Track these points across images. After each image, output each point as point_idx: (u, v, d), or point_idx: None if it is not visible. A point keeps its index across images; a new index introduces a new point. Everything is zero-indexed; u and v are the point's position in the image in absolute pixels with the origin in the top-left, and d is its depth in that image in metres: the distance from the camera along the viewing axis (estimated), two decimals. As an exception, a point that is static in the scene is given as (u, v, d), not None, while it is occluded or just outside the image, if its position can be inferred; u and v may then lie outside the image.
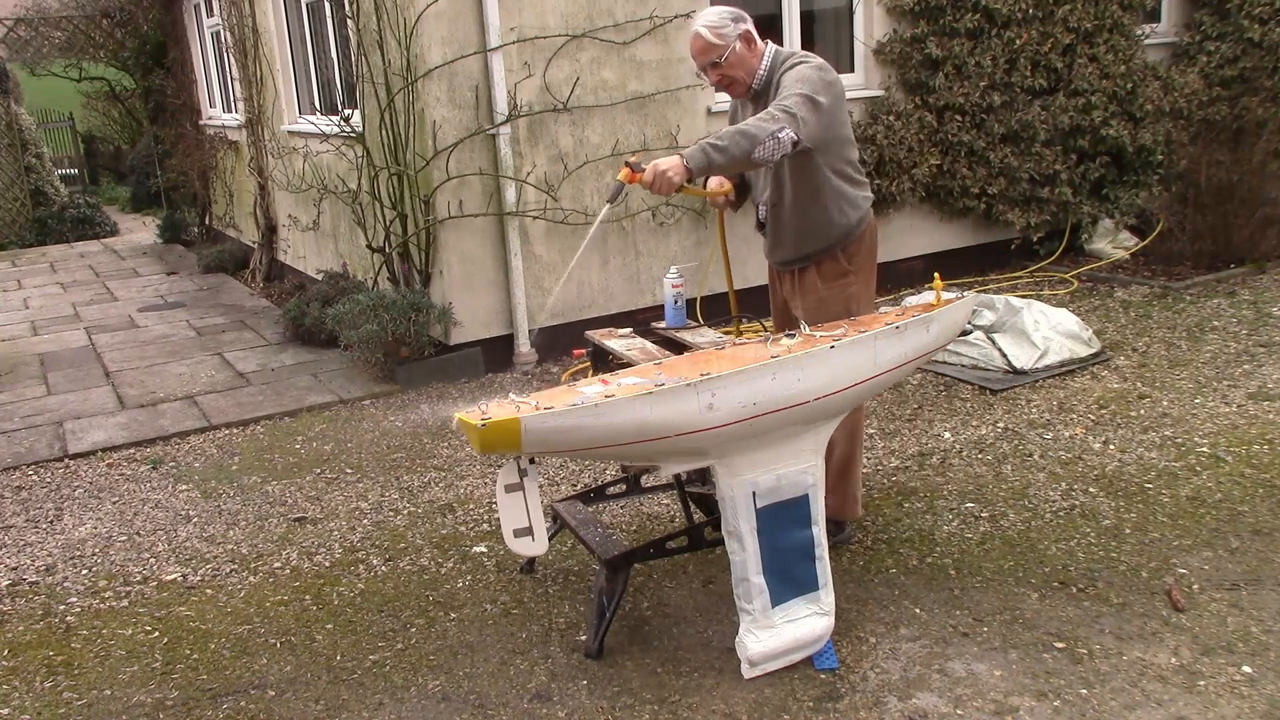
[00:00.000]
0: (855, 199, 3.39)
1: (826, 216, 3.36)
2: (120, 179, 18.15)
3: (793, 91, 3.08)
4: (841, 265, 3.42)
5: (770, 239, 3.54)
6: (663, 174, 2.87)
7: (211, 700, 3.02)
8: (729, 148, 2.91)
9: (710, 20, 3.29)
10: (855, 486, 3.62)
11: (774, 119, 2.98)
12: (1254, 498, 3.83)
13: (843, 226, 3.38)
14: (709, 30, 3.28)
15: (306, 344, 6.85)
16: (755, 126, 2.95)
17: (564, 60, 5.87)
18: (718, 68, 3.31)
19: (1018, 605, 3.23)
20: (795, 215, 3.39)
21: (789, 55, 3.34)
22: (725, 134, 2.95)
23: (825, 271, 3.43)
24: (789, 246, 3.48)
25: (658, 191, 2.91)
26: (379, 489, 4.51)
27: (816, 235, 3.39)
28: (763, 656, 2.91)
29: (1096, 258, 7.50)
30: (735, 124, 3.35)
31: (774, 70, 3.33)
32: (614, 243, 6.20)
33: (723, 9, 3.36)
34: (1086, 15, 7.08)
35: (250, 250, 9.84)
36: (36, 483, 4.83)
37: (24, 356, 7.13)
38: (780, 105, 3.03)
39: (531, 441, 2.48)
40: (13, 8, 14.31)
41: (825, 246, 3.40)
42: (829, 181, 3.32)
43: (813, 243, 3.41)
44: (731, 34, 3.29)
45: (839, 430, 3.27)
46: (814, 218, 3.37)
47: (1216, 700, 2.71)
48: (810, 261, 3.44)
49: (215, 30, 9.97)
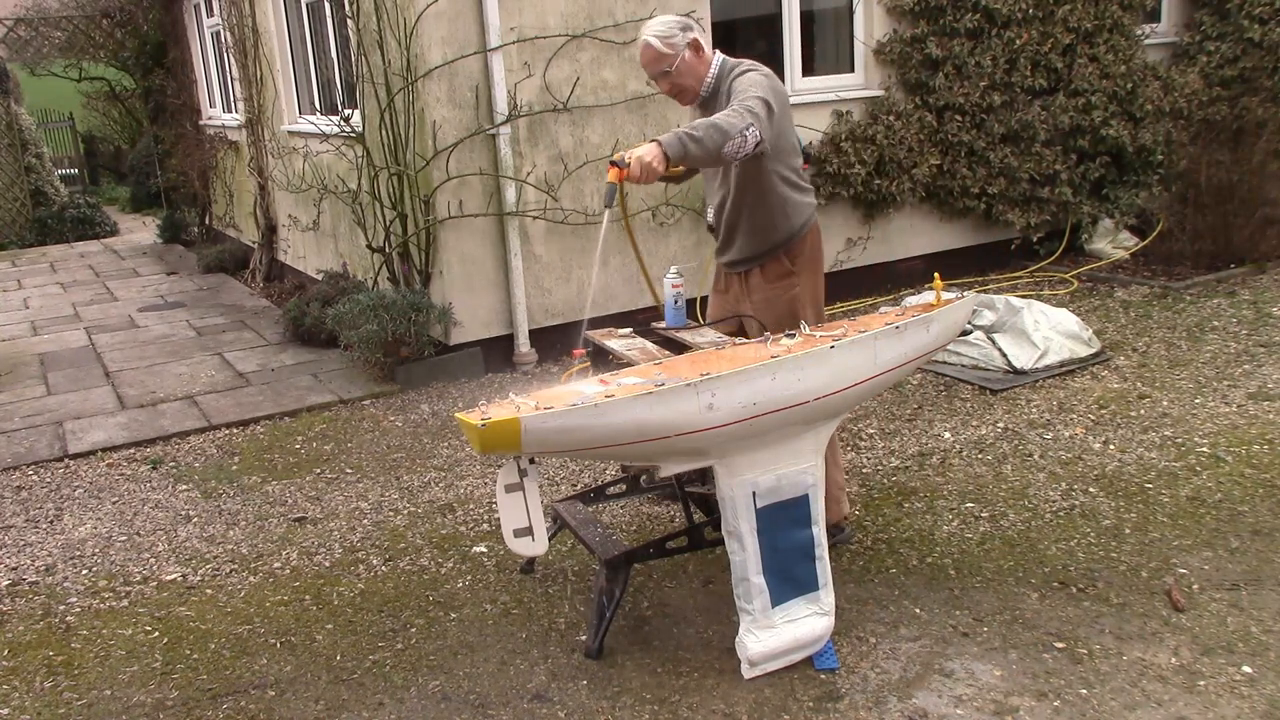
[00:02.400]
0: (799, 204, 3.51)
1: (771, 220, 3.48)
2: (120, 179, 18.15)
3: (750, 95, 3.17)
4: (785, 266, 3.54)
5: (721, 240, 3.64)
6: (647, 164, 2.91)
7: (211, 700, 3.02)
8: (703, 139, 2.98)
9: (659, 30, 3.35)
10: (835, 488, 3.64)
11: (742, 116, 3.06)
12: (1254, 498, 3.83)
13: (786, 230, 3.50)
14: (659, 40, 3.34)
15: (306, 344, 6.85)
16: (726, 122, 3.02)
17: (564, 60, 5.87)
18: (668, 76, 3.38)
19: (1018, 605, 3.23)
20: (743, 218, 3.50)
21: (736, 64, 3.43)
22: (700, 125, 3.00)
23: (770, 272, 3.55)
24: (737, 248, 3.58)
25: (644, 181, 2.96)
26: (379, 489, 4.51)
27: (763, 237, 3.51)
28: (763, 656, 2.91)
29: (1096, 258, 7.50)
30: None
31: (721, 78, 3.41)
32: (614, 243, 6.20)
33: (670, 18, 3.44)
34: (1086, 15, 7.09)
35: (250, 250, 9.84)
36: (36, 483, 4.83)
37: (24, 356, 7.13)
38: (743, 105, 3.11)
39: (531, 441, 2.48)
40: (13, 8, 14.31)
41: (770, 248, 3.52)
42: (775, 187, 3.43)
43: (759, 245, 3.52)
44: (681, 43, 3.35)
45: None
46: (760, 221, 3.48)
47: (1216, 700, 2.71)
48: (757, 263, 3.56)
49: (215, 30, 9.97)
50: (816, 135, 6.70)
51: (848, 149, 6.66)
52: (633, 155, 2.91)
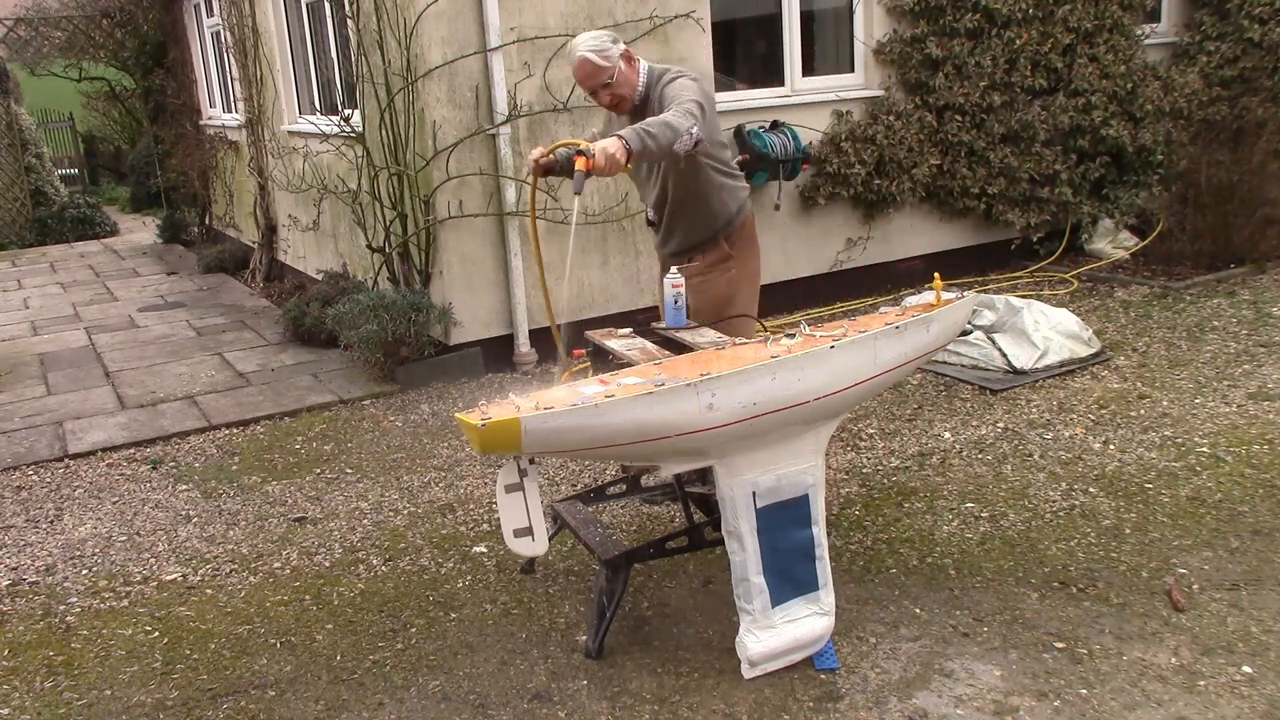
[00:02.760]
0: (734, 190, 3.78)
1: (710, 208, 3.73)
2: (120, 179, 18.15)
3: (685, 98, 3.36)
4: (724, 250, 3.79)
5: (662, 234, 3.88)
6: (611, 156, 3.03)
7: (211, 700, 3.02)
8: (658, 136, 3.16)
9: (593, 44, 3.49)
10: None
11: (687, 116, 3.27)
12: (1254, 498, 3.83)
13: (725, 217, 3.76)
14: (596, 54, 3.48)
15: (306, 344, 6.85)
16: (675, 120, 3.23)
17: (564, 60, 5.84)
18: (609, 88, 3.54)
19: (1018, 605, 3.23)
20: (685, 209, 3.74)
21: (664, 70, 3.61)
22: (653, 124, 3.19)
23: (709, 257, 3.79)
24: (680, 238, 3.82)
25: (608, 172, 3.08)
26: (379, 489, 4.51)
27: (704, 225, 3.76)
28: (763, 656, 2.91)
29: (1096, 258, 7.50)
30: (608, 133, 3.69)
31: (651, 86, 3.59)
32: (614, 243, 6.20)
33: (599, 32, 3.59)
34: (1086, 15, 7.09)
35: (250, 250, 9.84)
36: (36, 483, 4.83)
37: (24, 356, 7.13)
38: (683, 107, 3.31)
39: (531, 442, 2.48)
40: (13, 8, 14.31)
41: (711, 235, 3.77)
42: (712, 178, 3.68)
43: (701, 232, 3.77)
44: (615, 54, 3.51)
45: None
46: (700, 210, 3.73)
47: (1216, 700, 2.71)
48: (698, 250, 3.80)
49: (215, 30, 9.97)
50: (816, 135, 6.70)
51: (848, 149, 6.66)
52: (597, 147, 3.04)
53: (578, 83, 3.61)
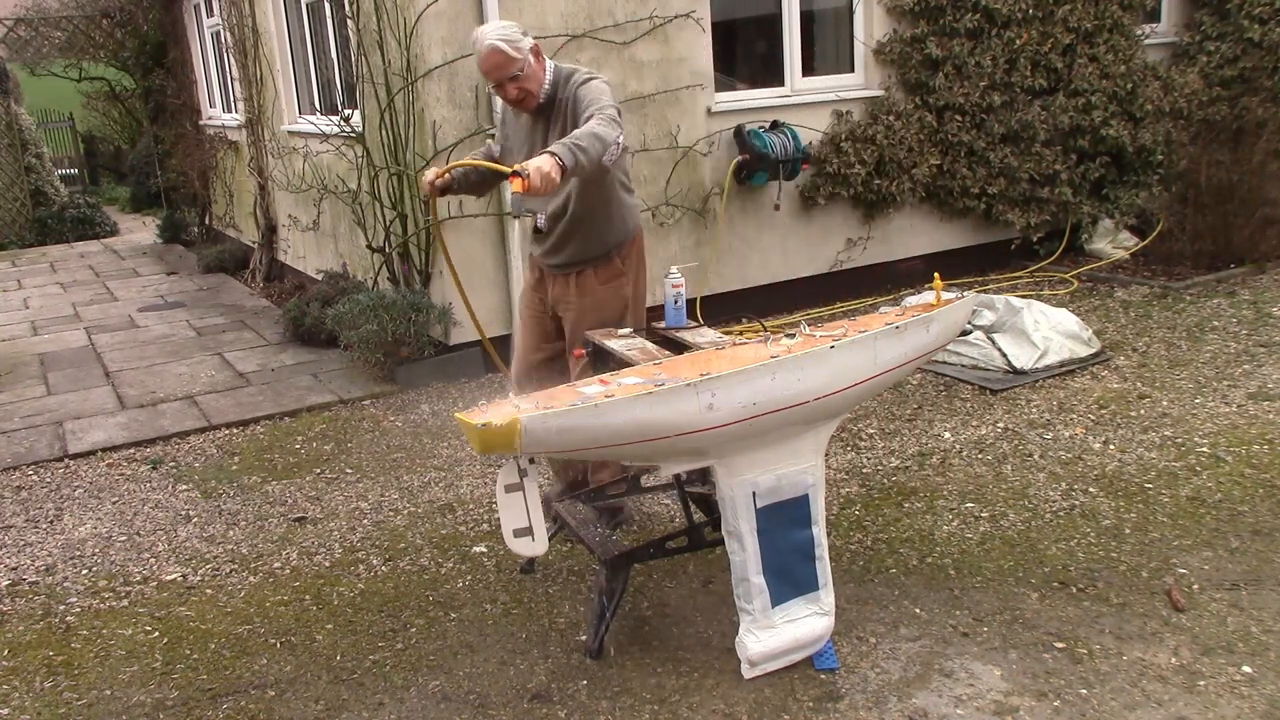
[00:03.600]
0: (632, 206, 3.66)
1: (610, 223, 3.57)
2: (120, 179, 18.15)
3: (605, 103, 3.25)
4: (617, 267, 3.63)
5: (552, 244, 3.62)
6: (546, 174, 2.91)
7: (211, 700, 3.02)
8: (589, 149, 3.04)
9: (503, 34, 3.31)
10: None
11: (612, 125, 3.15)
12: (1254, 498, 3.83)
13: (621, 232, 3.61)
14: (506, 44, 3.29)
15: (306, 344, 6.85)
16: (603, 131, 3.11)
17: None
18: (517, 80, 3.35)
19: (1018, 605, 3.23)
20: (584, 222, 3.53)
21: (572, 70, 3.47)
22: (583, 136, 3.07)
23: (603, 274, 3.62)
24: (572, 250, 3.59)
25: (544, 191, 2.95)
26: (379, 489, 4.51)
27: (599, 240, 3.58)
28: (763, 656, 2.91)
29: (1096, 258, 7.50)
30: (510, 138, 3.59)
31: (558, 86, 3.43)
32: (614, 243, 6.19)
33: (506, 22, 3.43)
34: (1086, 15, 7.09)
35: (250, 250, 9.84)
36: (36, 483, 4.83)
37: (24, 356, 7.13)
38: (606, 114, 3.19)
39: (531, 442, 2.48)
40: (13, 8, 14.31)
41: (606, 250, 3.59)
42: (616, 192, 3.55)
43: (596, 247, 3.58)
44: (525, 47, 3.34)
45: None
46: (600, 224, 3.56)
47: (1216, 700, 2.71)
48: (590, 264, 3.61)
49: (215, 30, 9.97)
50: (816, 135, 6.70)
51: (848, 149, 6.66)
52: (532, 166, 2.91)
53: (483, 74, 3.41)
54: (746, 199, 6.56)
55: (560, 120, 3.42)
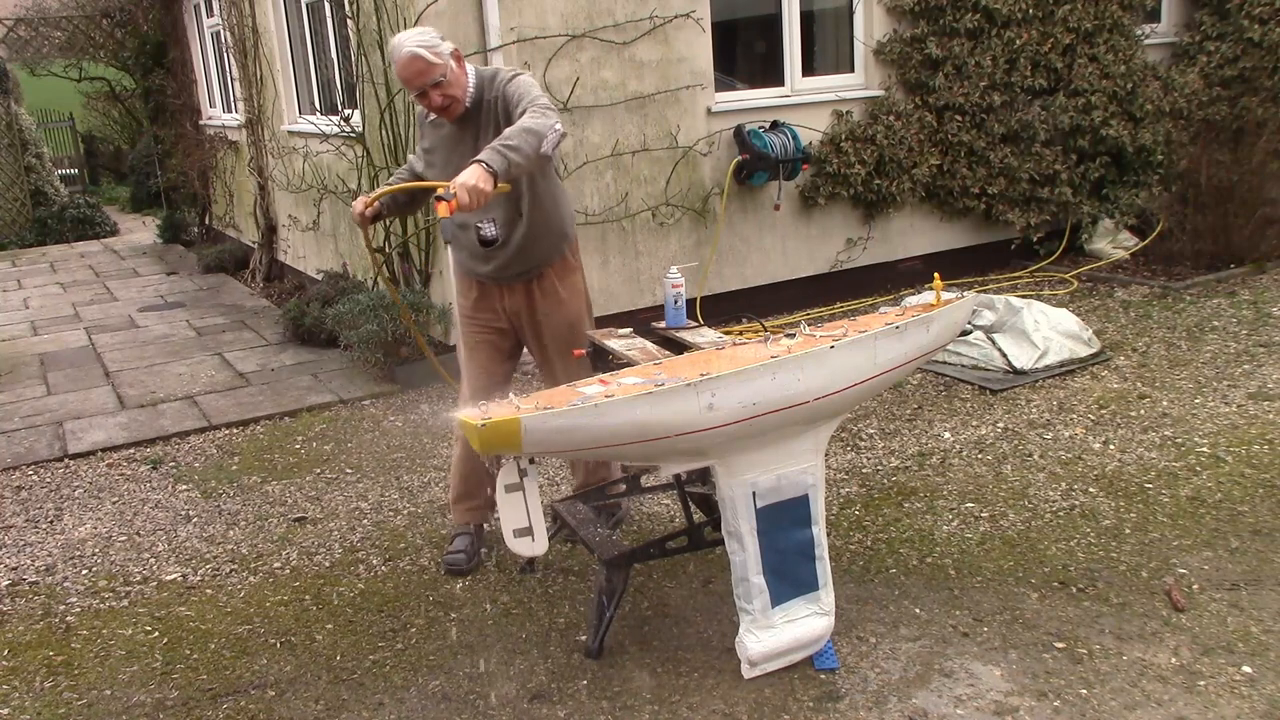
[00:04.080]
0: (567, 193, 3.62)
1: (560, 216, 3.51)
2: (120, 179, 18.16)
3: (535, 95, 3.16)
4: (570, 263, 3.57)
5: (512, 253, 3.44)
6: (474, 188, 2.81)
7: (211, 700, 3.02)
8: (522, 147, 2.93)
9: (422, 40, 3.18)
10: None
11: (545, 115, 3.04)
12: (1254, 498, 3.83)
13: (569, 223, 3.56)
14: (426, 50, 3.16)
15: (306, 344, 6.85)
16: (535, 123, 2.99)
17: (564, 60, 5.87)
18: (440, 87, 3.21)
19: (1018, 605, 3.23)
20: (541, 222, 3.42)
21: (494, 70, 3.36)
22: (513, 134, 2.95)
23: (560, 271, 3.54)
24: (528, 256, 3.46)
25: (475, 207, 2.85)
26: (379, 489, 4.51)
27: (556, 237, 3.50)
28: (763, 656, 2.91)
29: (1096, 258, 7.50)
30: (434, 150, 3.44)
31: (483, 88, 3.31)
32: (614, 242, 6.20)
33: (426, 28, 3.29)
34: (1086, 15, 7.09)
35: (250, 250, 9.85)
36: (36, 483, 4.83)
37: (24, 356, 7.13)
38: (538, 105, 3.09)
39: (531, 441, 2.48)
40: (13, 8, 14.32)
41: (559, 248, 3.52)
42: (558, 184, 3.51)
43: (553, 245, 3.49)
44: (445, 51, 3.22)
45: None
46: (554, 221, 3.47)
47: (1216, 700, 2.71)
48: (548, 265, 3.50)
49: (215, 30, 9.98)
50: (816, 135, 6.70)
51: (848, 149, 6.66)
52: (456, 185, 2.80)
53: (404, 82, 3.24)
54: (746, 199, 6.56)
55: (490, 124, 3.29)
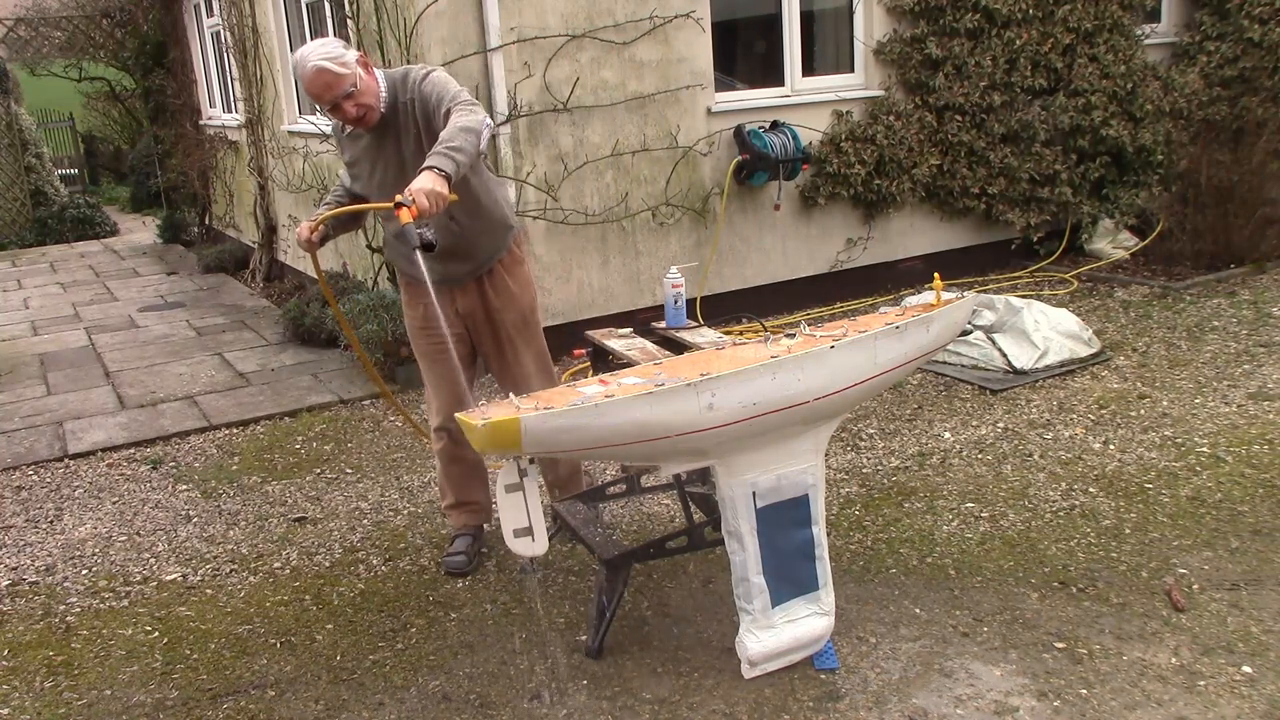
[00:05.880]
0: (503, 185, 3.57)
1: (501, 211, 3.46)
2: (120, 179, 18.16)
3: (453, 91, 3.11)
4: (516, 254, 3.53)
5: (452, 259, 3.37)
6: (432, 192, 2.78)
7: (211, 700, 3.02)
8: (464, 147, 2.90)
9: (326, 52, 3.09)
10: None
11: (474, 110, 3.02)
12: (1254, 498, 3.83)
13: (510, 215, 3.52)
14: (331, 62, 3.06)
15: (306, 344, 6.85)
16: (469, 121, 2.96)
17: (564, 60, 5.87)
18: (352, 98, 3.12)
19: (1018, 605, 3.23)
20: (480, 216, 3.37)
21: (404, 71, 3.28)
22: (452, 136, 2.92)
23: (508, 263, 3.50)
24: (476, 254, 3.43)
25: (436, 211, 2.81)
26: (379, 489, 4.51)
27: (499, 231, 3.46)
28: (762, 656, 2.91)
29: (1096, 258, 7.50)
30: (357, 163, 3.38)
31: (395, 90, 3.23)
32: (614, 242, 6.20)
33: (328, 39, 3.20)
34: (1086, 15, 7.09)
35: (250, 250, 9.84)
36: (36, 483, 4.83)
37: (24, 356, 7.13)
38: (462, 102, 3.06)
39: (531, 441, 2.48)
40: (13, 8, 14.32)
41: (505, 240, 3.48)
42: (490, 176, 3.46)
43: (497, 240, 3.45)
44: (351, 60, 3.12)
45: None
46: (495, 215, 3.43)
47: (1216, 700, 2.71)
48: (494, 260, 3.46)
49: (215, 30, 9.97)
50: (816, 135, 6.70)
51: (848, 149, 6.66)
52: (414, 191, 2.76)
53: (314, 98, 3.13)
54: (746, 199, 6.56)
55: (409, 126, 3.23)
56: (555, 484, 3.82)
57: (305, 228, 3.26)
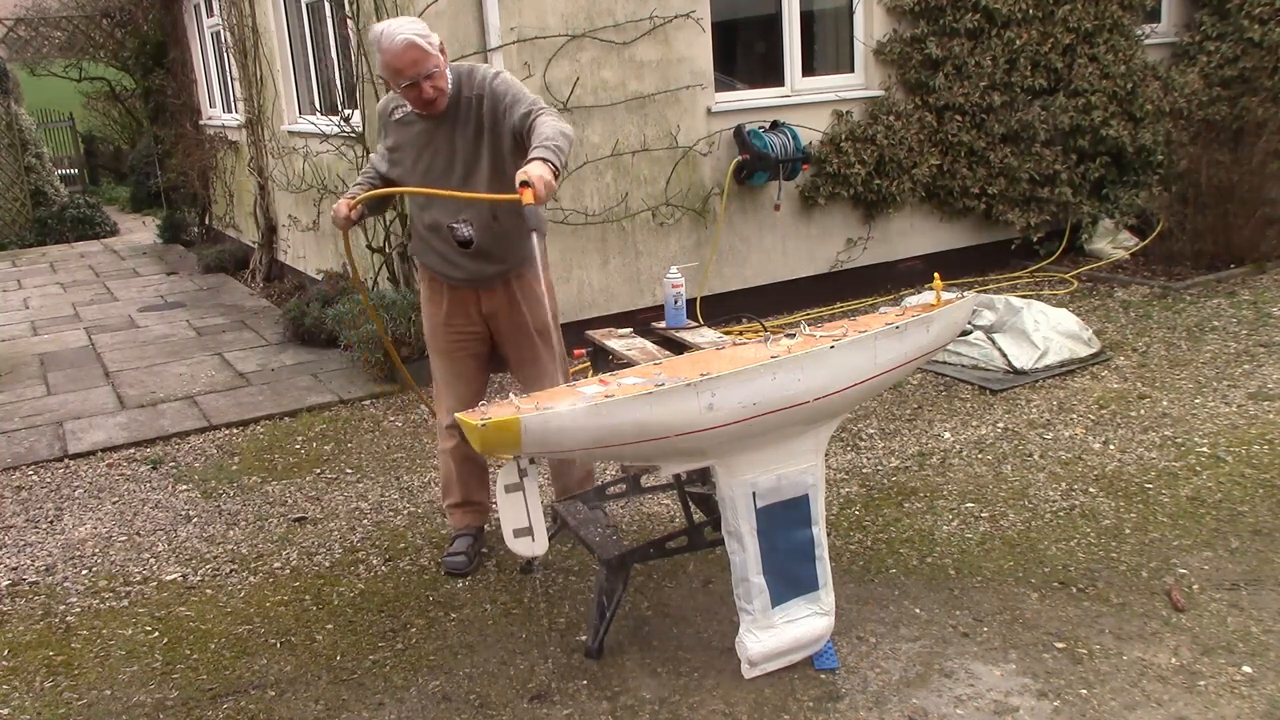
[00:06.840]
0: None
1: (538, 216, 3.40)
2: (120, 179, 18.16)
3: (532, 98, 3.13)
4: (545, 260, 3.46)
5: (487, 259, 3.39)
6: (548, 182, 2.81)
7: (211, 700, 3.02)
8: (564, 149, 2.92)
9: (416, 29, 3.08)
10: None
11: (559, 117, 3.04)
12: (1254, 498, 3.83)
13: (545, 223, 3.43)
14: (422, 39, 3.06)
15: (306, 344, 6.85)
16: (565, 127, 2.99)
17: (564, 60, 5.87)
18: (432, 79, 3.11)
19: (1018, 605, 3.23)
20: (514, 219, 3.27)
21: (470, 68, 3.28)
22: (554, 137, 2.93)
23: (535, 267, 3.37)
24: (509, 257, 3.41)
25: (546, 199, 2.82)
26: (379, 489, 4.51)
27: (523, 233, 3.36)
28: (762, 656, 2.91)
29: (1096, 258, 7.50)
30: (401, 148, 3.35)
31: (460, 84, 3.23)
32: (614, 242, 6.20)
33: (412, 18, 3.18)
34: (1086, 15, 7.09)
35: (250, 250, 9.85)
36: (36, 483, 4.83)
37: (24, 356, 7.13)
38: (544, 108, 3.10)
39: (531, 441, 2.48)
40: (13, 8, 14.32)
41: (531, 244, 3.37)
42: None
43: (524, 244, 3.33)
44: (436, 43, 3.12)
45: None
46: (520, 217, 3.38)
47: (1216, 700, 2.71)
48: (523, 263, 3.41)
49: (215, 30, 9.97)
50: (816, 135, 6.70)
51: (848, 149, 6.66)
52: (534, 175, 2.78)
53: (395, 73, 3.09)
54: (746, 199, 6.56)
55: (471, 120, 3.22)
56: (565, 491, 3.81)
57: (343, 204, 3.22)
